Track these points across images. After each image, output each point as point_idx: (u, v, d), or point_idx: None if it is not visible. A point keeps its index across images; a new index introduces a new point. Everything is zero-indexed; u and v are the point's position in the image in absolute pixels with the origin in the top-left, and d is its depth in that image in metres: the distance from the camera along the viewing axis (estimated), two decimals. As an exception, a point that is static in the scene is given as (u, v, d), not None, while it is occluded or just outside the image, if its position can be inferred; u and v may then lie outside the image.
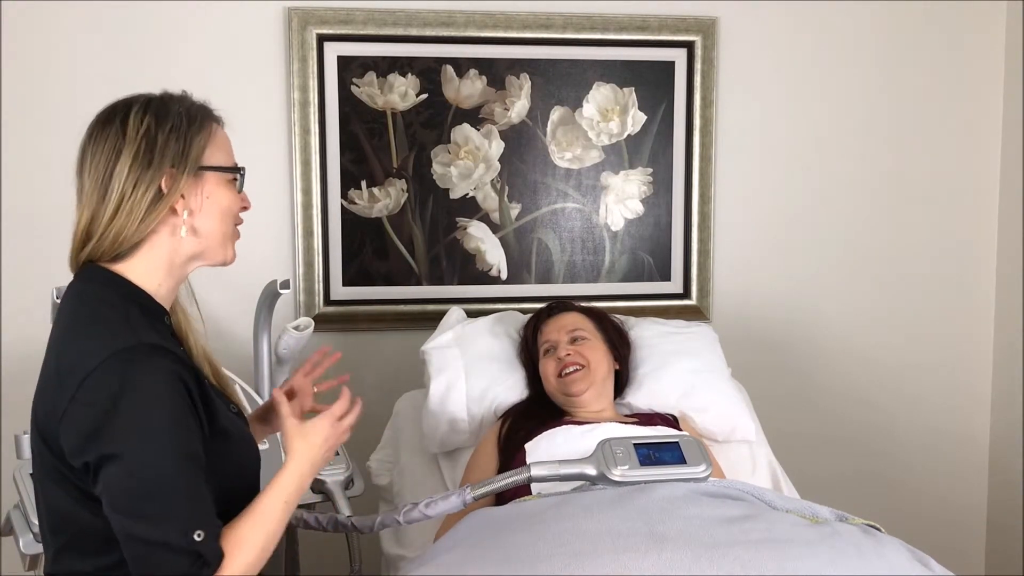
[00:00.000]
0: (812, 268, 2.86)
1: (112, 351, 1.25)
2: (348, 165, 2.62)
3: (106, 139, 1.35)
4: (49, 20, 2.47)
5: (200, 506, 1.26)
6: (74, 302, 1.36)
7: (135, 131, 1.34)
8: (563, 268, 2.74)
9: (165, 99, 1.40)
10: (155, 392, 1.25)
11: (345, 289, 2.65)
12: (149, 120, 1.35)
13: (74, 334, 1.32)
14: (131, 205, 1.33)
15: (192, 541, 1.23)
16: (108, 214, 1.33)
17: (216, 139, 1.41)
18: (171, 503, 1.24)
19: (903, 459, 2.95)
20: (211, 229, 1.40)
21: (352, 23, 2.57)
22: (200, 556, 1.24)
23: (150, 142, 1.34)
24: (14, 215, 2.50)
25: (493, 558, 1.42)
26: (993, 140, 2.90)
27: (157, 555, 1.23)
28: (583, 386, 2.06)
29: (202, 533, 1.24)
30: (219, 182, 1.40)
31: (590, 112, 2.70)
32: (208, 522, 1.26)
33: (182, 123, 1.37)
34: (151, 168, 1.33)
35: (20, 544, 1.77)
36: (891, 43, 2.83)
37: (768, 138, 2.80)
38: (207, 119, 1.41)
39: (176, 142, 1.35)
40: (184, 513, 1.24)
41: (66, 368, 1.28)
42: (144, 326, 1.31)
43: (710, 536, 1.40)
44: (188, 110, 1.39)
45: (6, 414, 2.48)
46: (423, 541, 1.94)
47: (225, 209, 1.41)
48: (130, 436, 1.23)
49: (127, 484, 1.23)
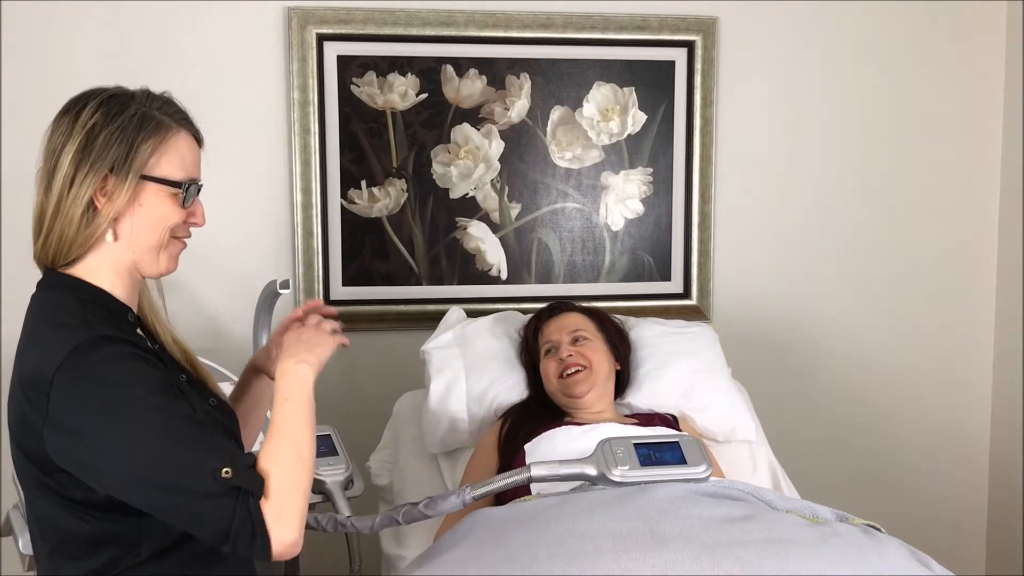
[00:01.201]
0: (812, 268, 2.86)
1: (68, 350, 1.24)
2: (348, 165, 2.62)
3: (59, 127, 1.33)
4: (49, 20, 2.47)
5: (213, 448, 1.23)
6: (35, 311, 1.36)
7: (83, 123, 1.30)
8: (563, 268, 2.74)
9: (126, 97, 1.34)
10: (118, 376, 1.24)
11: (345, 289, 2.65)
12: (99, 116, 1.30)
13: (35, 342, 1.31)
14: (69, 203, 1.30)
15: (223, 480, 1.19)
16: (52, 209, 1.32)
17: (168, 147, 1.34)
18: (181, 465, 1.21)
19: (903, 459, 2.95)
20: (140, 239, 1.34)
21: (352, 23, 2.57)
22: (238, 489, 1.20)
23: (92, 139, 1.29)
24: (14, 215, 2.50)
25: (493, 558, 1.42)
26: (993, 140, 2.90)
27: (204, 513, 1.20)
28: (585, 387, 2.06)
29: (229, 470, 1.20)
30: (159, 193, 1.33)
31: (590, 112, 2.70)
32: (230, 458, 1.22)
33: (130, 125, 1.30)
34: (88, 165, 1.29)
35: (20, 544, 1.77)
36: (891, 43, 2.83)
37: (768, 138, 2.80)
38: (164, 125, 1.34)
39: (119, 145, 1.30)
40: (200, 462, 1.21)
41: (28, 377, 1.28)
42: (103, 324, 1.30)
43: (710, 536, 1.40)
44: (144, 113, 1.32)
45: (6, 414, 2.48)
46: (423, 541, 1.94)
47: (157, 221, 1.34)
48: (111, 429, 1.22)
49: (134, 474, 1.22)
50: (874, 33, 2.81)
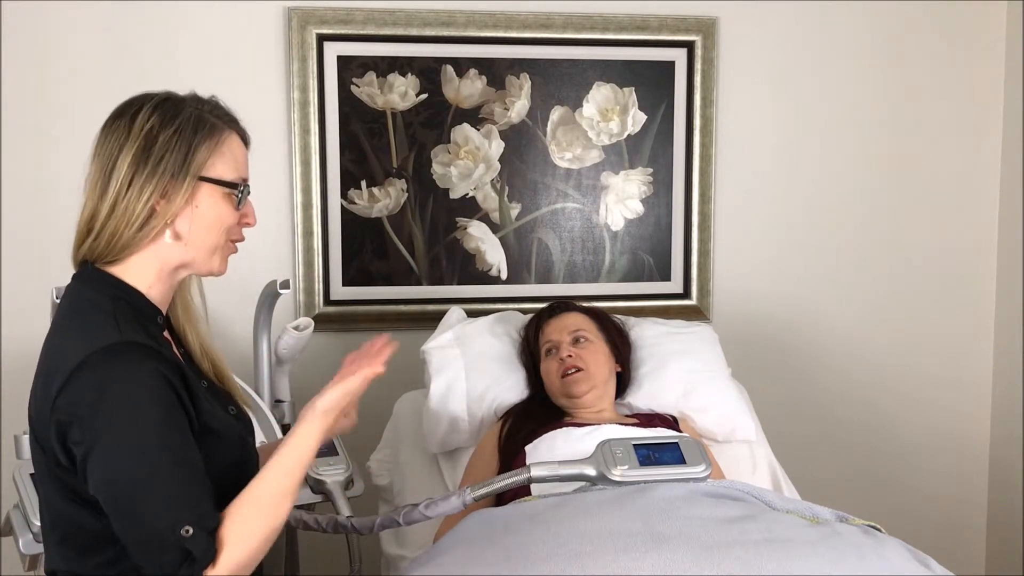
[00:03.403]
0: (812, 268, 2.86)
1: (92, 350, 1.25)
2: (348, 165, 2.62)
3: (114, 131, 1.34)
4: (49, 20, 2.47)
5: (190, 500, 1.23)
6: (67, 304, 1.36)
7: (140, 127, 1.32)
8: (563, 268, 2.74)
9: (178, 101, 1.37)
10: (134, 389, 1.24)
11: (345, 289, 2.65)
12: (156, 119, 1.33)
13: (62, 336, 1.32)
14: (126, 205, 1.31)
15: (180, 537, 1.20)
16: (104, 212, 1.33)
17: (222, 149, 1.36)
18: (155, 499, 1.22)
19: (903, 459, 2.95)
20: (198, 239, 1.36)
21: (352, 23, 2.57)
22: (189, 553, 1.21)
23: (151, 141, 1.32)
24: (14, 215, 2.50)
25: (493, 558, 1.42)
26: (993, 140, 2.90)
27: (150, 552, 1.22)
28: (584, 387, 2.06)
29: (190, 529, 1.21)
30: (215, 194, 1.36)
31: (590, 112, 2.70)
32: (198, 516, 1.23)
33: (187, 128, 1.33)
34: (147, 168, 1.31)
35: (20, 544, 1.77)
36: (891, 43, 2.83)
37: (768, 138, 2.80)
38: (217, 128, 1.36)
39: (178, 148, 1.32)
40: (170, 508, 1.21)
41: (51, 369, 1.29)
42: (132, 326, 1.31)
43: (710, 536, 1.40)
44: (199, 116, 1.35)
45: (6, 414, 2.48)
46: (423, 541, 1.94)
47: (214, 222, 1.37)
48: (110, 434, 1.22)
49: (112, 483, 1.23)
50: (874, 33, 2.81)
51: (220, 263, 1.41)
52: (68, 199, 2.59)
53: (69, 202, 2.53)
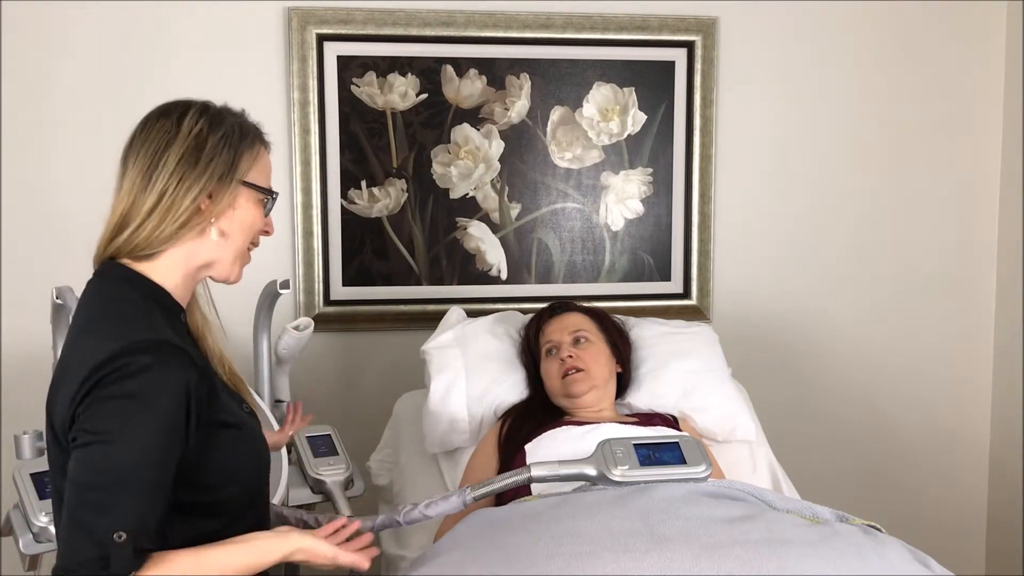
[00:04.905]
0: (812, 268, 2.86)
1: (126, 342, 1.25)
2: (348, 165, 2.62)
3: (159, 130, 1.37)
4: (49, 20, 2.47)
5: (143, 514, 1.21)
6: (93, 300, 1.36)
7: (188, 129, 1.36)
8: (563, 268, 2.74)
9: (222, 110, 1.43)
10: (153, 391, 1.24)
11: (345, 289, 2.65)
12: (204, 123, 1.38)
13: (93, 331, 1.32)
14: (172, 200, 1.34)
15: (109, 540, 1.18)
16: (148, 206, 1.34)
17: (260, 160, 1.44)
18: (122, 497, 1.20)
19: (903, 459, 2.95)
20: (234, 239, 1.42)
21: (352, 23, 2.57)
22: (106, 560, 1.18)
23: (200, 144, 1.36)
24: (14, 215, 2.50)
25: (493, 558, 1.42)
26: (993, 140, 2.90)
27: (74, 533, 1.20)
28: (585, 387, 2.06)
29: (123, 535, 1.18)
30: (251, 199, 1.42)
31: (590, 112, 2.70)
32: (138, 532, 1.20)
33: (234, 134, 1.40)
34: (196, 169, 1.35)
35: (20, 544, 1.76)
36: (891, 43, 2.83)
37: (768, 138, 2.80)
38: (257, 139, 1.44)
39: (226, 152, 1.38)
40: (124, 512, 1.19)
41: (78, 361, 1.28)
42: (162, 324, 1.32)
43: (710, 536, 1.40)
44: (241, 125, 1.42)
45: (6, 414, 2.48)
46: (423, 541, 1.94)
47: (248, 225, 1.43)
48: (113, 424, 1.22)
49: (93, 466, 1.22)
50: (874, 33, 2.81)
51: (239, 270, 1.47)
52: (68, 199, 2.59)
53: (69, 202, 2.53)
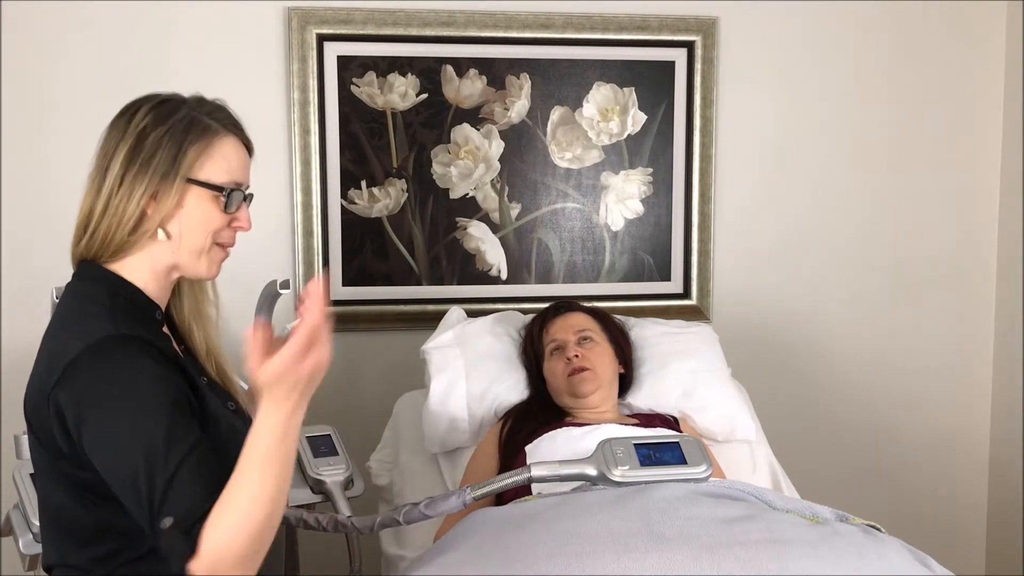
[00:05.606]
0: (812, 268, 2.86)
1: (89, 342, 1.26)
2: (348, 165, 2.62)
3: (114, 128, 1.36)
4: (49, 20, 2.47)
5: (177, 491, 1.18)
6: (66, 300, 1.38)
7: (135, 126, 1.34)
8: (563, 268, 2.74)
9: (178, 102, 1.37)
10: (129, 381, 1.25)
11: (345, 289, 2.65)
12: (149, 119, 1.34)
13: (60, 330, 1.33)
14: (118, 204, 1.32)
15: (158, 530, 1.17)
16: (100, 208, 1.34)
17: (212, 152, 1.36)
18: (144, 490, 1.19)
19: (903, 459, 2.95)
20: (184, 241, 1.36)
21: (352, 23, 2.57)
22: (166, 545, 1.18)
23: (141, 140, 1.33)
24: (14, 215, 2.50)
25: (493, 558, 1.42)
26: (993, 140, 2.90)
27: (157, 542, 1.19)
28: (591, 387, 2.06)
29: (169, 520, 1.17)
30: (202, 196, 1.35)
31: (590, 112, 2.70)
32: (183, 509, 1.17)
33: (178, 129, 1.33)
34: (136, 167, 1.32)
35: (20, 544, 1.77)
36: (891, 43, 2.83)
37: (768, 138, 2.80)
38: (211, 130, 1.36)
39: (168, 148, 1.32)
40: (156, 499, 1.18)
41: (48, 363, 1.29)
42: (129, 320, 1.31)
43: (710, 536, 1.40)
44: (193, 117, 1.35)
45: (6, 414, 2.48)
46: (423, 541, 1.94)
47: (199, 224, 1.36)
48: (105, 425, 1.23)
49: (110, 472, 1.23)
50: (874, 33, 2.81)
51: (208, 266, 1.40)
52: (68, 199, 2.59)
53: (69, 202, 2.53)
